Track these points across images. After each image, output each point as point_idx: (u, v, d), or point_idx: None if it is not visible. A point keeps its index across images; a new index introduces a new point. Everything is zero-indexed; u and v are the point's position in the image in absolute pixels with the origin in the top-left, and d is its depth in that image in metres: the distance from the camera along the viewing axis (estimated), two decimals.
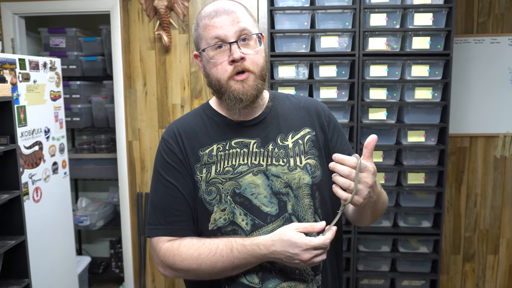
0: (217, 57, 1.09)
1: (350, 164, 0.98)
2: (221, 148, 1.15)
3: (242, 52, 1.08)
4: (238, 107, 1.11)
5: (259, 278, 1.10)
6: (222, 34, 1.08)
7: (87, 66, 3.51)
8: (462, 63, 2.86)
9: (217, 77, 1.11)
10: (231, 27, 1.08)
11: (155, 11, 2.88)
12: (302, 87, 2.49)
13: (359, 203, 1.00)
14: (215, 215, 1.12)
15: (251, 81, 1.10)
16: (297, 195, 1.13)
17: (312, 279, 1.13)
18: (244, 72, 1.09)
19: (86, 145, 3.66)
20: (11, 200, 1.86)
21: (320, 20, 2.46)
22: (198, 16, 1.15)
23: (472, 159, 2.96)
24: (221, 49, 1.09)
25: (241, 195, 1.12)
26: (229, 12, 1.09)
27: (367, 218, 1.19)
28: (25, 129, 2.32)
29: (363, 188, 0.98)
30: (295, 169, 1.14)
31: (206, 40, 1.10)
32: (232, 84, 1.09)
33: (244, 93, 1.09)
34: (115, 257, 3.62)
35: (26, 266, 1.91)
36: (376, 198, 1.06)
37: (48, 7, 3.03)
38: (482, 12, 2.82)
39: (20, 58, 2.30)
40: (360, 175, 0.98)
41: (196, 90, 2.97)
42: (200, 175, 1.14)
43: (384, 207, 1.19)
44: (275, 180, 1.13)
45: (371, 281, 2.67)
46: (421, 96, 2.48)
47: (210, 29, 1.09)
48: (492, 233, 3.01)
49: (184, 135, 1.17)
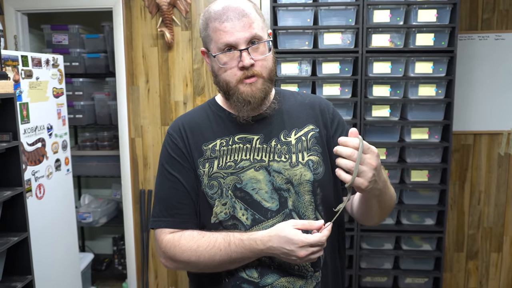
0: (227, 62, 1.09)
1: (352, 145, 0.96)
2: (224, 143, 1.16)
3: (252, 58, 1.08)
4: (246, 109, 1.11)
5: (258, 273, 1.11)
6: (233, 41, 1.07)
7: (89, 63, 3.51)
8: (466, 60, 2.84)
9: (226, 80, 1.11)
10: (243, 33, 1.06)
11: (157, 7, 2.88)
12: (305, 84, 2.48)
13: (364, 186, 0.97)
14: (216, 209, 1.13)
15: (259, 85, 1.11)
16: (298, 191, 1.13)
17: (311, 275, 1.13)
18: (254, 76, 1.10)
19: (88, 142, 3.67)
20: (14, 197, 1.86)
21: (323, 17, 2.45)
22: (207, 13, 1.12)
23: (476, 156, 2.94)
24: (230, 53, 1.08)
25: (242, 190, 1.13)
26: (240, 16, 1.07)
27: (375, 213, 1.14)
28: (27, 126, 2.32)
29: (367, 170, 0.96)
30: (297, 165, 1.14)
31: (216, 44, 1.09)
32: (240, 87, 1.10)
33: (252, 96, 1.10)
34: (118, 254, 3.63)
35: (29, 263, 1.91)
36: (382, 186, 1.03)
37: (50, 3, 3.02)
38: (486, 9, 2.80)
39: (22, 55, 2.30)
40: (364, 157, 0.96)
41: (199, 87, 2.96)
42: (203, 169, 1.15)
43: (392, 203, 1.15)
44: (277, 176, 1.13)
45: (374, 279, 2.66)
46: (425, 93, 2.47)
47: (221, 34, 1.07)
48: (495, 230, 3.00)
49: (189, 130, 1.19)
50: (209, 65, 1.18)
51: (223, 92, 1.15)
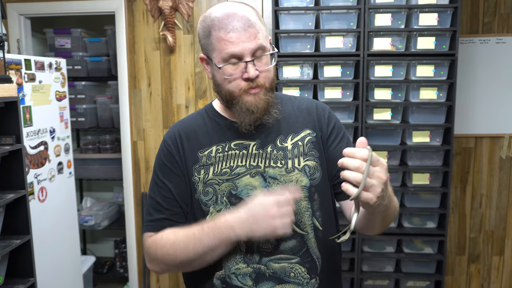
0: (231, 72, 1.08)
1: (361, 156, 0.87)
2: (220, 149, 1.16)
3: (257, 69, 1.07)
4: (249, 118, 1.10)
5: (253, 281, 1.10)
6: (239, 52, 1.05)
7: (92, 66, 3.53)
8: (468, 63, 2.84)
9: (230, 90, 1.10)
10: (248, 44, 1.04)
11: (159, 11, 2.89)
12: (306, 87, 2.49)
13: (372, 202, 0.88)
14: (211, 216, 1.12)
15: (262, 95, 1.10)
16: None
17: (307, 282, 1.12)
18: (257, 87, 1.09)
19: (91, 145, 3.68)
20: (17, 200, 1.86)
21: (325, 20, 2.46)
22: (208, 20, 1.09)
23: (478, 159, 2.94)
24: (235, 65, 1.07)
25: (237, 196, 1.12)
26: (246, 26, 1.05)
27: (376, 226, 1.09)
28: (30, 129, 2.33)
29: (377, 184, 0.88)
30: (293, 171, 1.13)
31: (221, 53, 1.06)
32: (244, 96, 1.09)
33: (255, 106, 1.09)
34: (119, 257, 3.63)
35: (31, 266, 1.91)
36: (388, 202, 0.97)
37: (53, 8, 3.04)
38: (487, 12, 2.81)
39: (25, 59, 2.32)
40: (373, 169, 0.87)
41: (201, 91, 2.97)
42: (198, 176, 1.15)
43: (394, 214, 1.09)
44: (272, 182, 1.13)
45: (375, 282, 2.66)
46: (426, 97, 2.47)
47: (226, 45, 1.05)
48: (497, 234, 2.99)
49: (185, 137, 1.18)
50: (209, 73, 1.16)
51: (226, 101, 1.13)
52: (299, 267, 1.11)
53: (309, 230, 1.13)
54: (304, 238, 1.12)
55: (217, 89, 1.14)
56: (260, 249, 1.11)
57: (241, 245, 1.10)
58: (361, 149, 0.89)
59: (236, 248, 1.10)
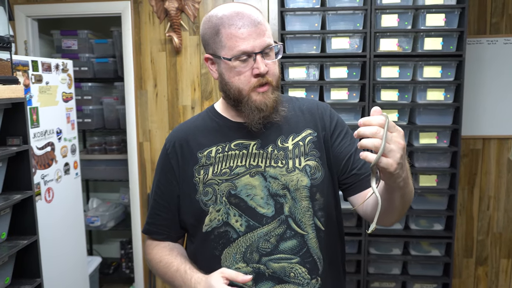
0: (241, 67, 1.08)
1: (377, 122, 0.84)
2: (220, 149, 1.16)
3: (266, 64, 1.08)
4: (258, 116, 1.11)
5: (253, 280, 1.10)
6: (250, 48, 1.05)
7: (98, 67, 3.54)
8: (475, 64, 2.82)
9: (239, 87, 1.10)
10: (259, 40, 1.06)
11: (165, 13, 2.90)
12: (312, 88, 2.48)
13: (393, 168, 0.84)
14: (210, 216, 1.13)
15: (270, 93, 1.11)
16: (294, 197, 1.12)
17: (308, 282, 1.12)
18: (266, 84, 1.10)
19: (97, 146, 3.69)
20: (24, 201, 1.87)
21: (331, 21, 2.45)
22: (216, 18, 1.09)
23: (485, 161, 2.92)
24: (246, 61, 1.08)
25: (236, 196, 1.12)
26: (256, 23, 1.06)
27: (395, 208, 1.02)
28: (37, 130, 2.35)
29: (396, 149, 0.84)
30: (294, 170, 1.13)
31: (231, 51, 1.06)
32: (253, 95, 1.10)
33: (265, 104, 1.10)
34: (125, 257, 3.64)
35: (38, 266, 1.92)
36: (406, 176, 0.93)
37: (60, 9, 3.06)
38: (495, 13, 2.79)
39: (33, 60, 2.33)
40: (390, 135, 0.84)
41: (207, 92, 2.97)
42: (198, 176, 1.15)
43: (412, 196, 1.04)
44: (273, 182, 1.13)
45: (382, 284, 2.64)
46: (433, 98, 2.45)
47: (237, 41, 1.05)
48: (505, 236, 2.97)
49: (185, 141, 1.19)
50: (215, 72, 1.15)
51: (233, 99, 1.13)
52: (299, 267, 1.11)
53: (309, 230, 1.13)
54: (305, 238, 1.12)
55: (224, 88, 1.14)
56: (259, 249, 1.11)
57: (241, 244, 1.11)
58: (377, 116, 0.86)
59: (235, 247, 1.11)
